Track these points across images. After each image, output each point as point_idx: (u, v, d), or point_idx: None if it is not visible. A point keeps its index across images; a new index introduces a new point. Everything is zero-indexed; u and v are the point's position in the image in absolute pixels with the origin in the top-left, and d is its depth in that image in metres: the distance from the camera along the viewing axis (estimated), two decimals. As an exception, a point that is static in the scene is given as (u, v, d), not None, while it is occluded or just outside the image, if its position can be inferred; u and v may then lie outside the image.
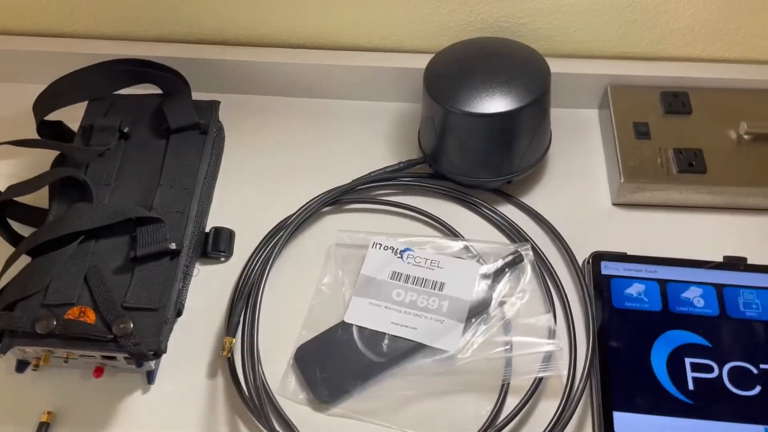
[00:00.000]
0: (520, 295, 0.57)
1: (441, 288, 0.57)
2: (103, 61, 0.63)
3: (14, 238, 0.58)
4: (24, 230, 0.59)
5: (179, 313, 0.55)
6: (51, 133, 0.64)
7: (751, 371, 0.51)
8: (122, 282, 0.52)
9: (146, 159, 0.59)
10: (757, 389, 0.51)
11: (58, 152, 0.63)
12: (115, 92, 0.64)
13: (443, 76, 0.59)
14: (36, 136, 0.63)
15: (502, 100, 0.57)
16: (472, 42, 0.63)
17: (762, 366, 0.52)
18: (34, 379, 0.55)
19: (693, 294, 0.56)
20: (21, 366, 0.54)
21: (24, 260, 0.53)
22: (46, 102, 0.62)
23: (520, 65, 0.59)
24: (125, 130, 0.60)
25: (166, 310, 0.51)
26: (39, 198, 0.59)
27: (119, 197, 0.57)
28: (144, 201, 0.57)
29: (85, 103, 0.64)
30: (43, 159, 0.64)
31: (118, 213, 0.54)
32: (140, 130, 0.61)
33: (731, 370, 0.52)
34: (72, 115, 0.64)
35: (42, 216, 0.61)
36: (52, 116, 0.63)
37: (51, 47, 0.71)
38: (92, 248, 0.54)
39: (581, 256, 0.60)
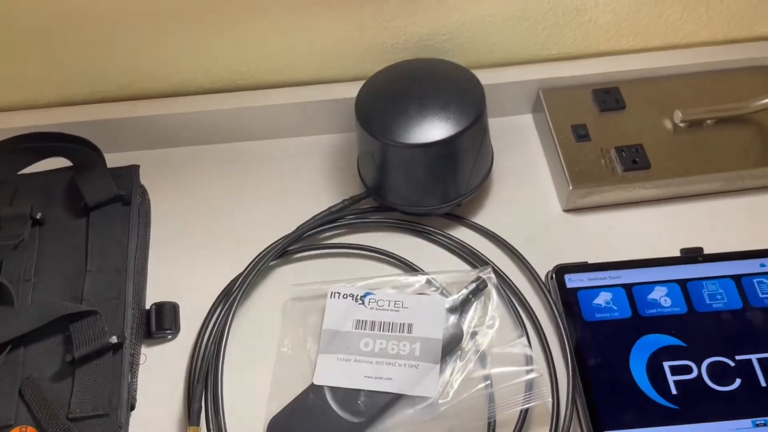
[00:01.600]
0: (490, 323, 0.55)
1: (410, 330, 0.55)
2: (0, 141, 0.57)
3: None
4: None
5: (132, 407, 0.51)
6: (-51, 229, 0.57)
7: (728, 365, 0.51)
8: (63, 390, 0.47)
9: (67, 244, 0.54)
10: (737, 382, 0.51)
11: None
12: (19, 172, 0.58)
13: (376, 109, 0.56)
14: (-67, 234, 0.56)
15: (440, 126, 0.55)
16: (398, 67, 0.60)
17: (737, 357, 0.52)
18: None
19: (659, 294, 0.55)
20: (-39, 502, 0.48)
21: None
22: (-60, 196, 0.55)
23: (452, 87, 0.57)
24: (38, 216, 0.54)
25: (117, 413, 0.47)
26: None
27: (43, 292, 0.52)
28: (72, 293, 0.52)
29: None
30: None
31: (47, 313, 0.49)
32: (54, 212, 0.56)
33: (709, 367, 0.51)
34: (-28, 202, 0.57)
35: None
36: (-52, 208, 0.56)
37: (-65, 129, 0.63)
38: (22, 357, 0.49)
39: (542, 269, 0.58)
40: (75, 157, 0.58)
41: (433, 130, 0.55)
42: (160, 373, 0.54)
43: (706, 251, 0.58)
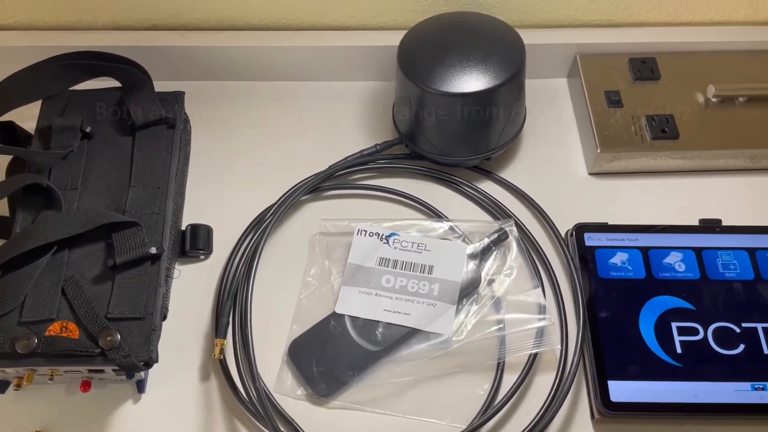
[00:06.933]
0: (507, 272, 0.58)
1: (430, 271, 0.57)
2: (55, 56, 0.59)
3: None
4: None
5: (164, 317, 0.54)
6: (3, 136, 0.60)
7: (734, 330, 0.53)
8: (103, 292, 0.50)
9: (113, 159, 0.56)
10: (741, 347, 0.53)
11: (12, 156, 0.60)
12: (70, 88, 0.60)
13: (418, 56, 0.58)
14: (-14, 142, 0.59)
15: (480, 78, 0.56)
16: (443, 18, 0.61)
17: (744, 324, 0.54)
18: (17, 398, 0.52)
19: (674, 259, 0.57)
20: (1, 386, 0.51)
21: (-7, 276, 0.50)
22: (-5, 104, 0.58)
23: (494, 41, 0.58)
24: (87, 130, 0.57)
25: (153, 317, 0.49)
26: (-5, 205, 0.56)
27: (88, 202, 0.54)
28: (115, 204, 0.54)
29: (38, 101, 0.60)
30: (-5, 164, 0.60)
31: (92, 219, 0.51)
32: (103, 128, 0.58)
33: (715, 331, 0.53)
34: (23, 114, 0.60)
35: (3, 225, 0.57)
36: (2, 117, 0.59)
37: (-9, 41, 0.66)
38: (66, 258, 0.51)
39: (563, 227, 0.60)
40: (124, 78, 0.60)
41: (472, 81, 0.56)
42: (191, 289, 0.57)
43: (724, 224, 0.59)
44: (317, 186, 0.62)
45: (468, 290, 0.56)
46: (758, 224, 0.59)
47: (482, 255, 0.58)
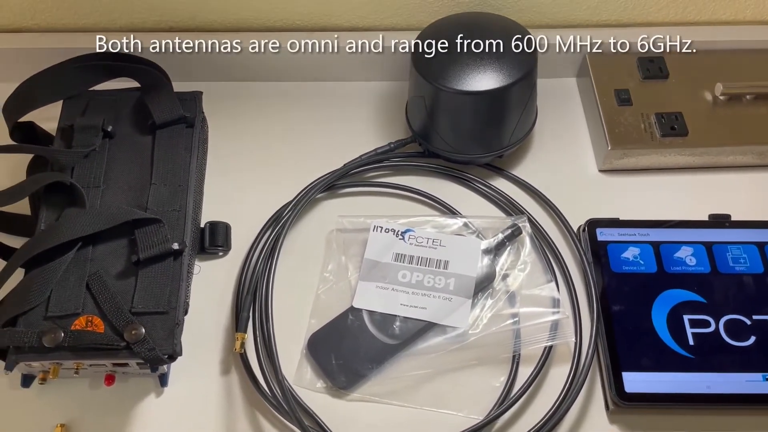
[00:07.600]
0: (521, 267, 0.59)
1: (446, 266, 0.58)
2: (75, 57, 0.60)
3: (1, 251, 0.55)
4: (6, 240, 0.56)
5: (185, 312, 0.54)
6: (23, 136, 0.61)
7: (744, 323, 0.54)
8: (127, 287, 0.51)
9: (134, 157, 0.57)
10: (752, 339, 0.54)
11: (32, 156, 0.61)
12: (90, 88, 0.61)
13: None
14: (8, 141, 0.60)
15: (493, 77, 0.57)
16: (456, 18, 0.62)
17: (755, 317, 0.55)
18: (42, 392, 0.53)
19: (685, 253, 0.58)
20: (26, 380, 0.52)
21: (18, 273, 0.51)
22: (18, 104, 0.59)
23: (506, 40, 0.59)
24: (108, 129, 0.58)
25: (176, 312, 0.50)
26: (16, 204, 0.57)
27: (111, 199, 0.55)
28: (137, 201, 0.55)
29: (59, 102, 0.61)
30: (15, 164, 0.61)
31: (116, 216, 0.52)
32: (123, 127, 0.59)
33: (727, 323, 0.54)
34: (41, 115, 0.61)
35: (25, 223, 0.58)
36: (23, 117, 0.60)
37: (11, 44, 0.67)
38: (90, 255, 0.52)
39: (575, 223, 0.61)
40: (143, 79, 0.61)
41: (486, 79, 0.57)
42: (210, 285, 0.58)
43: (733, 219, 0.60)
44: (333, 183, 0.63)
45: (483, 285, 0.57)
46: (766, 219, 0.60)
47: (496, 250, 0.59)
